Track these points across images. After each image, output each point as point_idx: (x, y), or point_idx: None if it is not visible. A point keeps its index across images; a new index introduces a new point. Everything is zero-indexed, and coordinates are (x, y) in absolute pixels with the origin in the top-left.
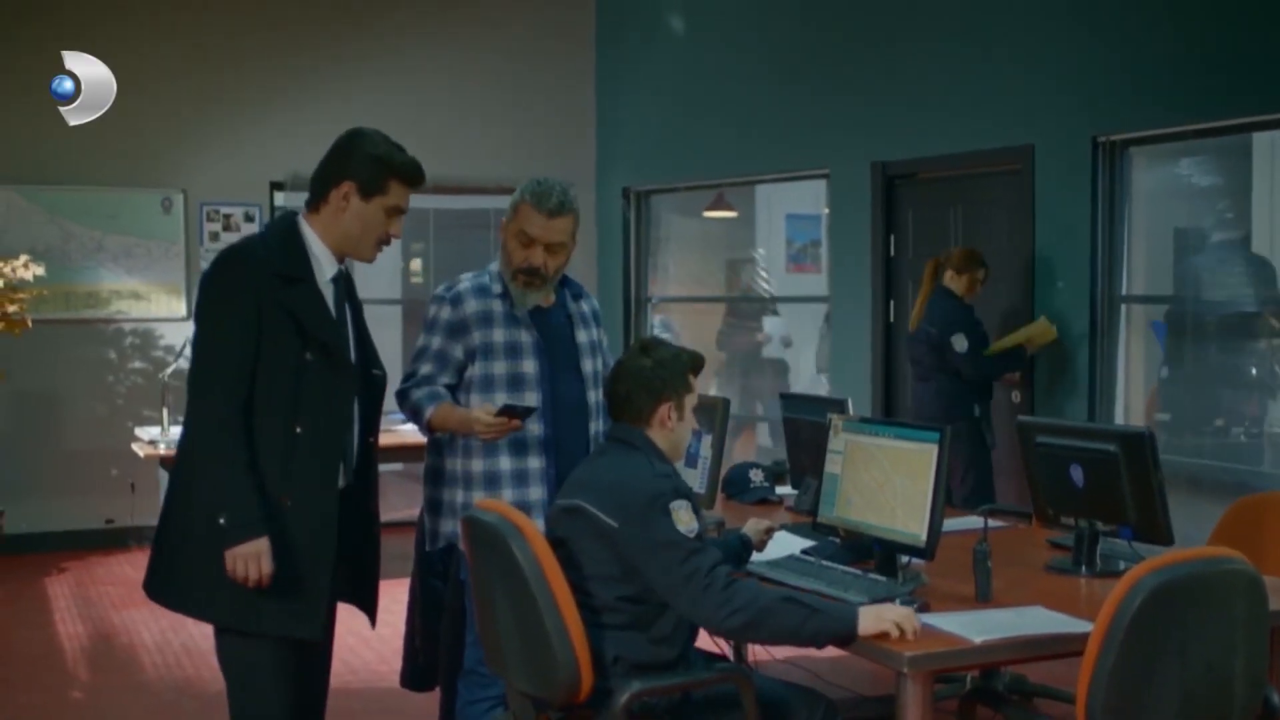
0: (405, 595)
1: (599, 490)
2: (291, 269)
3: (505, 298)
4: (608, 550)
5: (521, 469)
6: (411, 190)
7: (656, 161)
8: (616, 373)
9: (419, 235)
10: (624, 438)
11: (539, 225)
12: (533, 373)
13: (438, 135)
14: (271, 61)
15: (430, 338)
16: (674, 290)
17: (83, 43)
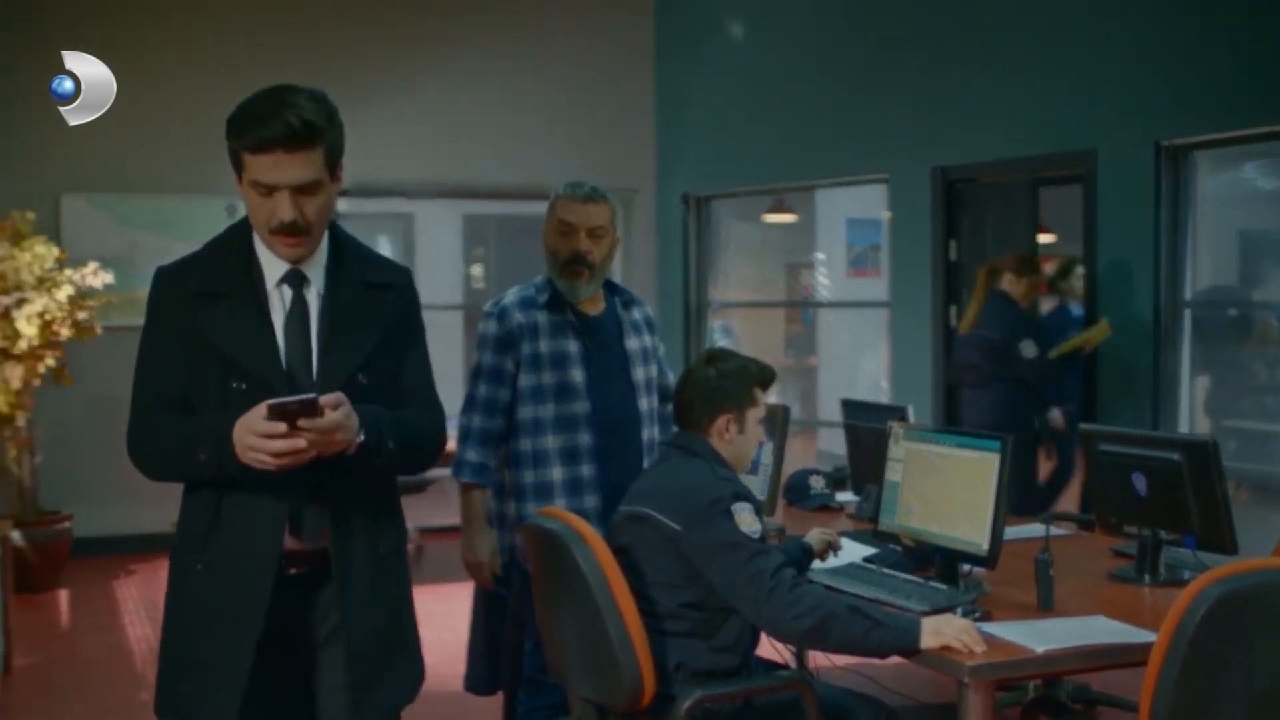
0: (468, 599)
1: (662, 496)
2: (210, 283)
3: (551, 307)
4: (671, 556)
5: (574, 478)
6: (266, 154)
7: (716, 167)
8: (682, 380)
9: (479, 241)
10: (686, 445)
11: (576, 211)
12: (580, 382)
13: (499, 142)
14: (334, 70)
15: (482, 355)
16: (734, 295)
17: (144, 53)
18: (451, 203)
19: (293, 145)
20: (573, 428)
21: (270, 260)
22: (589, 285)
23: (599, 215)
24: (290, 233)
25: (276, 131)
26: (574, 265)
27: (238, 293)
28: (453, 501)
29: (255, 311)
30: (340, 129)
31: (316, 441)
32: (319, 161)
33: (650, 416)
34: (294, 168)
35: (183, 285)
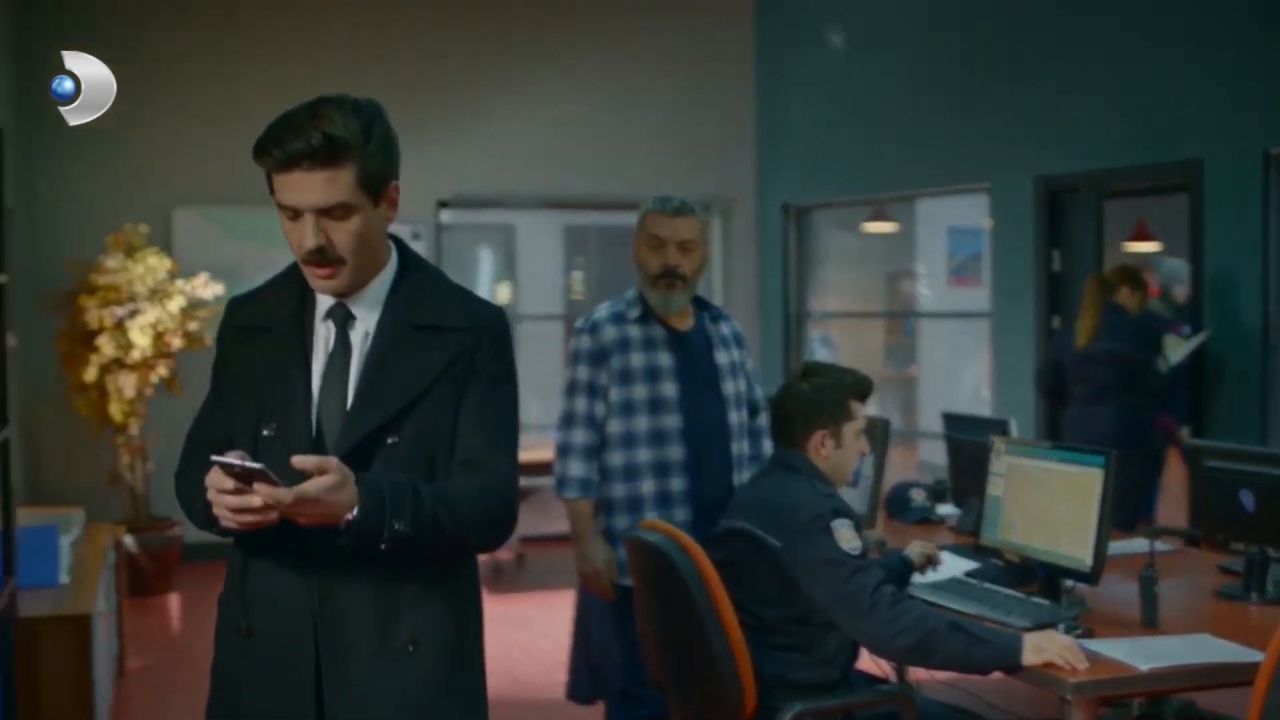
0: (568, 607)
1: (761, 512)
2: (258, 316)
3: (643, 321)
4: (771, 571)
5: (664, 491)
6: (287, 172)
7: (816, 177)
8: (779, 395)
9: (580, 250)
10: (785, 460)
11: (666, 225)
12: (672, 395)
13: (599, 153)
14: (435, 81)
15: (576, 370)
16: (833, 305)
17: (249, 68)
18: (552, 213)
19: (313, 163)
20: (664, 441)
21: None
22: (680, 297)
23: (689, 229)
24: (319, 263)
25: (292, 147)
26: (666, 278)
27: (281, 328)
28: (553, 509)
29: (294, 350)
30: (383, 148)
31: (282, 510)
32: (347, 182)
33: (740, 430)
34: (316, 189)
35: (235, 317)
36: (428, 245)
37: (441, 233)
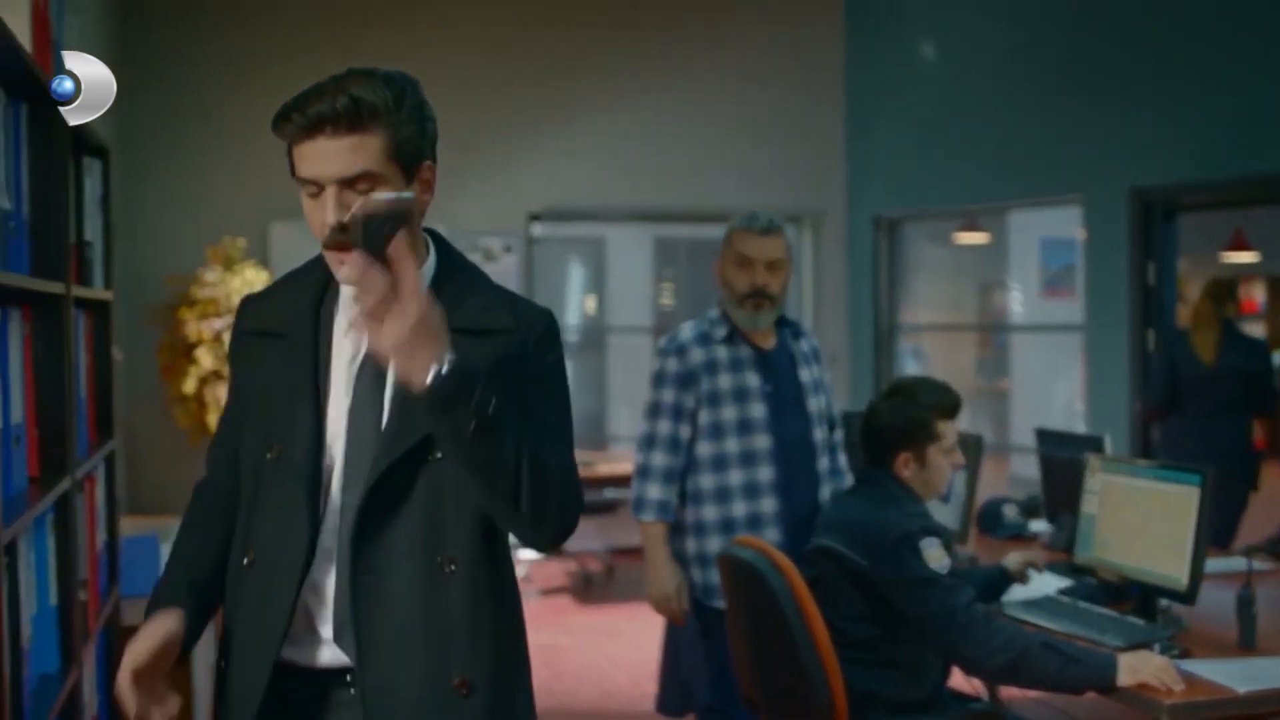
0: (659, 619)
1: (849, 531)
2: (268, 320)
3: (729, 342)
4: (860, 590)
5: (755, 513)
6: (308, 140)
7: (907, 188)
8: (866, 415)
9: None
10: (873, 479)
11: (754, 245)
12: (761, 416)
13: (689, 165)
14: (528, 95)
15: (661, 392)
16: (924, 317)
17: None
18: (643, 226)
19: (337, 128)
20: (754, 463)
21: (347, 295)
22: (768, 316)
23: (776, 248)
24: (338, 245)
25: (315, 110)
26: (753, 298)
27: (295, 333)
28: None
29: (306, 361)
30: (416, 118)
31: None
32: (375, 150)
33: (823, 447)
34: (339, 156)
35: (246, 320)
36: (519, 258)
37: (532, 245)
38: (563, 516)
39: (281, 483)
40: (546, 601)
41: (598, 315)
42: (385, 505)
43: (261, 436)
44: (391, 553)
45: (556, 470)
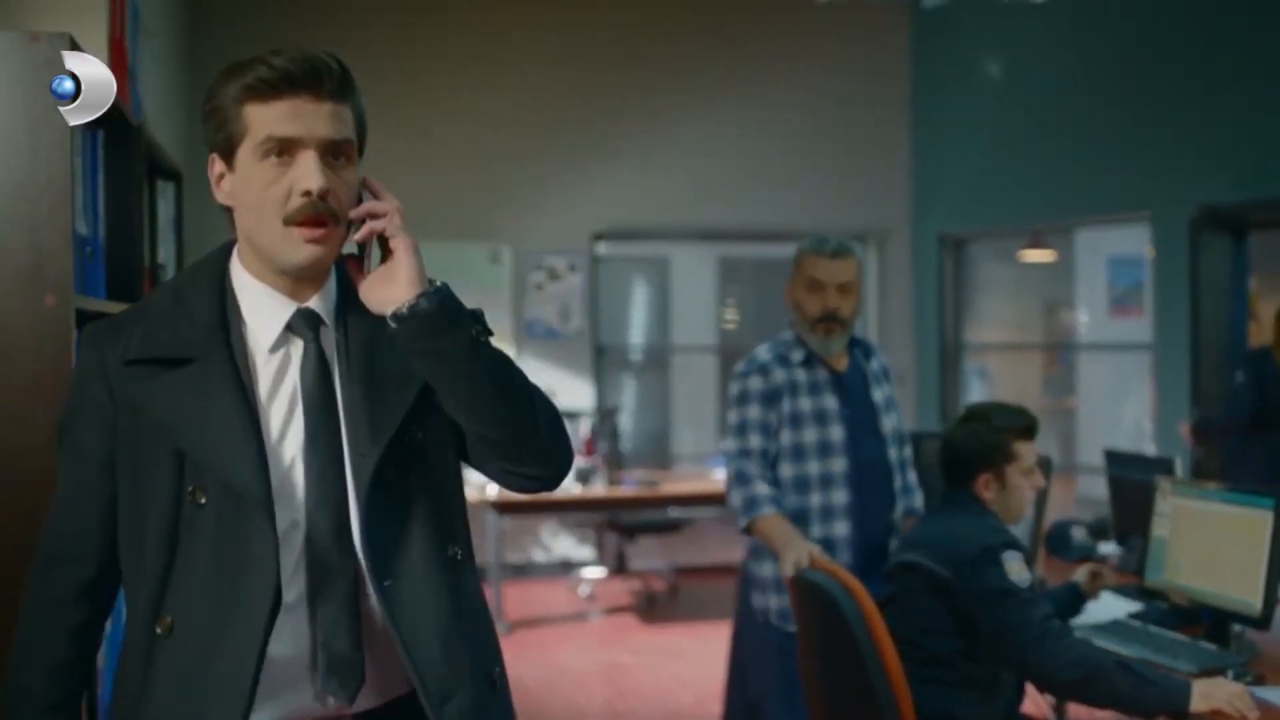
0: (723, 638)
1: (933, 544)
2: (156, 344)
3: (806, 365)
4: (941, 603)
5: (828, 536)
6: (280, 99)
7: (972, 207)
8: (945, 439)
9: (734, 279)
10: (954, 501)
11: (825, 268)
12: (840, 440)
13: (754, 185)
14: (591, 114)
15: (747, 409)
16: (989, 336)
17: (412, 105)
18: (707, 245)
19: (321, 90)
20: (831, 486)
21: (263, 304)
22: (839, 341)
23: (847, 270)
24: (314, 217)
25: (298, 64)
26: (825, 322)
27: (205, 356)
28: (707, 540)
29: (230, 384)
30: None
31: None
32: (350, 123)
33: (897, 466)
34: (325, 118)
35: (113, 350)
36: (583, 277)
37: (597, 265)
38: (556, 438)
39: (217, 527)
40: (611, 620)
41: (662, 335)
42: (386, 504)
43: (171, 482)
44: (408, 553)
45: (535, 387)
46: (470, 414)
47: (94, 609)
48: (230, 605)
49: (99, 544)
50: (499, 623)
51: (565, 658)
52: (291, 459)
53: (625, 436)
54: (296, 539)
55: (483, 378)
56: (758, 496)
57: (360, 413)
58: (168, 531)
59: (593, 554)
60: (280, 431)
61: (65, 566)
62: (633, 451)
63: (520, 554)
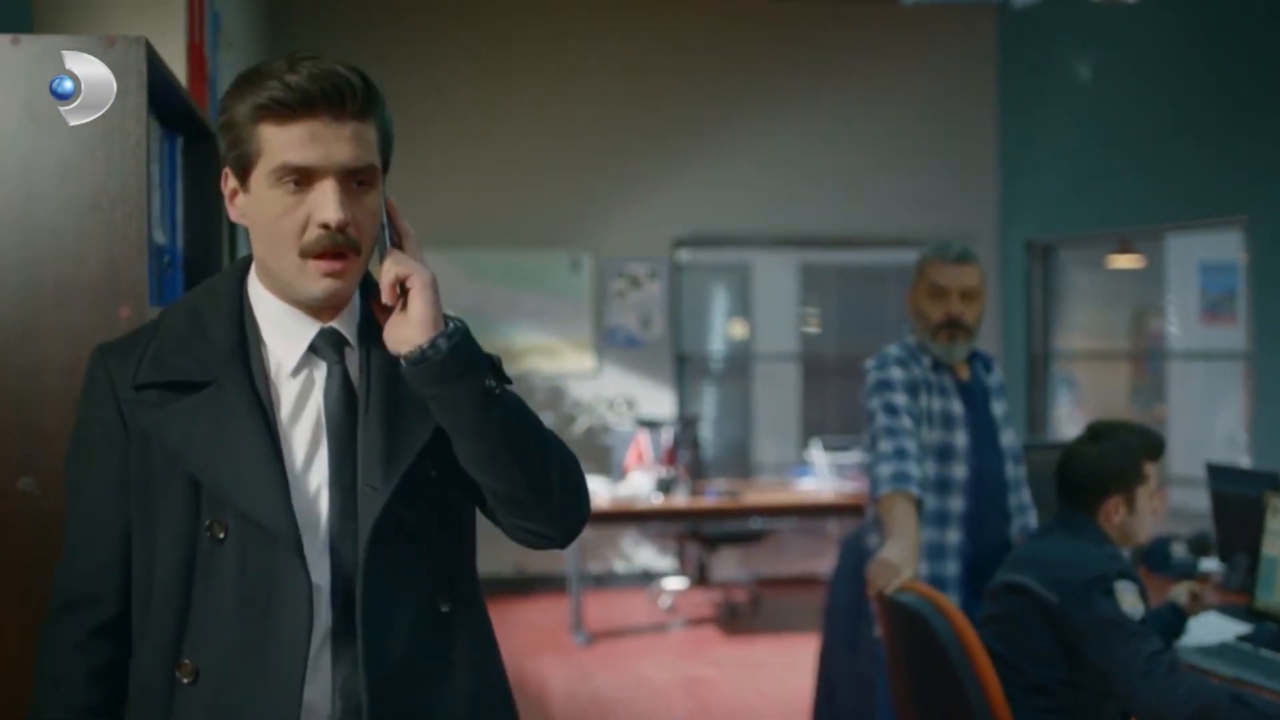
0: (809, 651)
1: (1041, 567)
2: (169, 368)
3: (935, 370)
4: (1047, 629)
5: (939, 543)
6: (295, 121)
7: (1060, 213)
8: (1067, 458)
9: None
10: (1071, 523)
11: (948, 274)
12: (963, 445)
13: (836, 190)
14: (672, 121)
15: (893, 394)
16: (1076, 343)
17: (488, 120)
18: (788, 252)
19: (340, 109)
20: (948, 491)
21: (284, 324)
22: (963, 348)
23: (970, 276)
24: (332, 250)
25: (317, 82)
26: (948, 328)
27: (224, 379)
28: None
29: (250, 408)
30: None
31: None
32: (374, 144)
33: (1014, 484)
34: (344, 143)
35: (122, 374)
36: (664, 284)
37: (678, 272)
38: (572, 498)
39: (240, 564)
40: (691, 633)
41: (743, 342)
42: (387, 545)
43: (187, 515)
44: (398, 599)
45: (554, 440)
46: (480, 468)
47: (116, 649)
48: (262, 651)
49: (118, 581)
50: (578, 634)
51: (646, 670)
52: (316, 489)
53: (706, 445)
54: (323, 576)
55: (494, 431)
56: (909, 473)
57: (375, 443)
58: (184, 569)
59: (674, 564)
60: (304, 460)
61: (83, 608)
62: (713, 460)
63: (601, 564)
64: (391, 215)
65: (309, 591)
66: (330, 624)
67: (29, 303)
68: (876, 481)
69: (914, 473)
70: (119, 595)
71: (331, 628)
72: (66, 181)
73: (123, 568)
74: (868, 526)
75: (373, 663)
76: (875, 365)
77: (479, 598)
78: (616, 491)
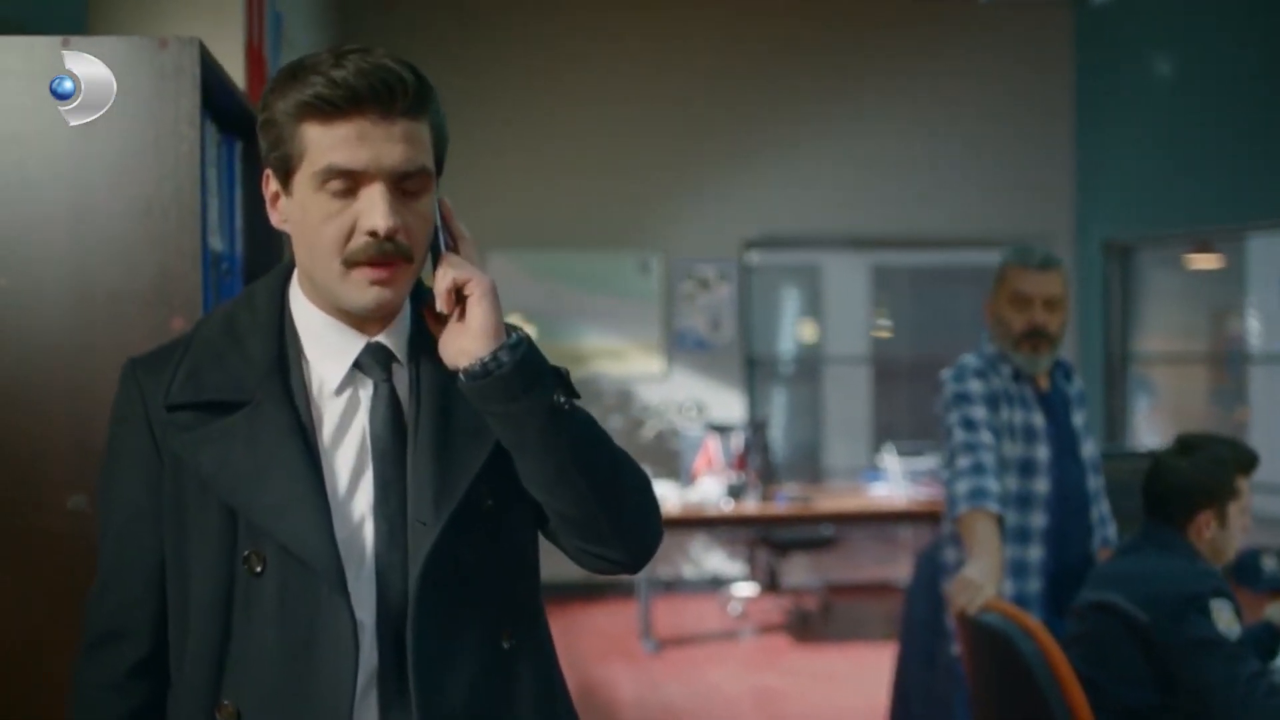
0: (882, 661)
1: (1131, 584)
2: (202, 387)
3: (1015, 380)
4: (1138, 649)
5: (1021, 559)
6: (343, 119)
7: (1138, 213)
8: (1154, 471)
9: (889, 287)
10: (1160, 539)
11: (1032, 281)
12: (1044, 459)
13: (908, 191)
14: (741, 123)
15: (971, 408)
16: (1153, 345)
17: (558, 120)
18: (859, 253)
19: (389, 106)
20: (1029, 507)
21: (328, 338)
22: (1047, 358)
23: (1054, 284)
24: (379, 259)
25: (365, 77)
26: (1031, 338)
27: (263, 399)
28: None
29: (291, 429)
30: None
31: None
32: (427, 145)
33: (1096, 496)
34: (395, 143)
35: (154, 392)
36: (734, 286)
37: (749, 274)
38: (644, 520)
39: (280, 600)
40: (761, 640)
41: (813, 345)
42: (440, 581)
43: (222, 546)
44: (455, 641)
45: (625, 458)
46: (546, 489)
47: (153, 689)
48: (306, 695)
49: (153, 615)
50: (647, 640)
51: (715, 678)
52: (360, 518)
53: (775, 449)
54: (368, 612)
55: (562, 450)
56: (988, 490)
57: (425, 472)
58: (221, 603)
59: (743, 570)
60: (348, 487)
61: (116, 645)
62: (783, 464)
63: (670, 569)
64: (446, 217)
65: (353, 629)
66: (377, 664)
67: (81, 315)
68: (954, 499)
69: (993, 489)
70: (153, 630)
71: (379, 668)
72: (117, 188)
73: (157, 601)
74: (944, 541)
75: (428, 708)
76: (952, 377)
77: (543, 625)
78: (686, 497)
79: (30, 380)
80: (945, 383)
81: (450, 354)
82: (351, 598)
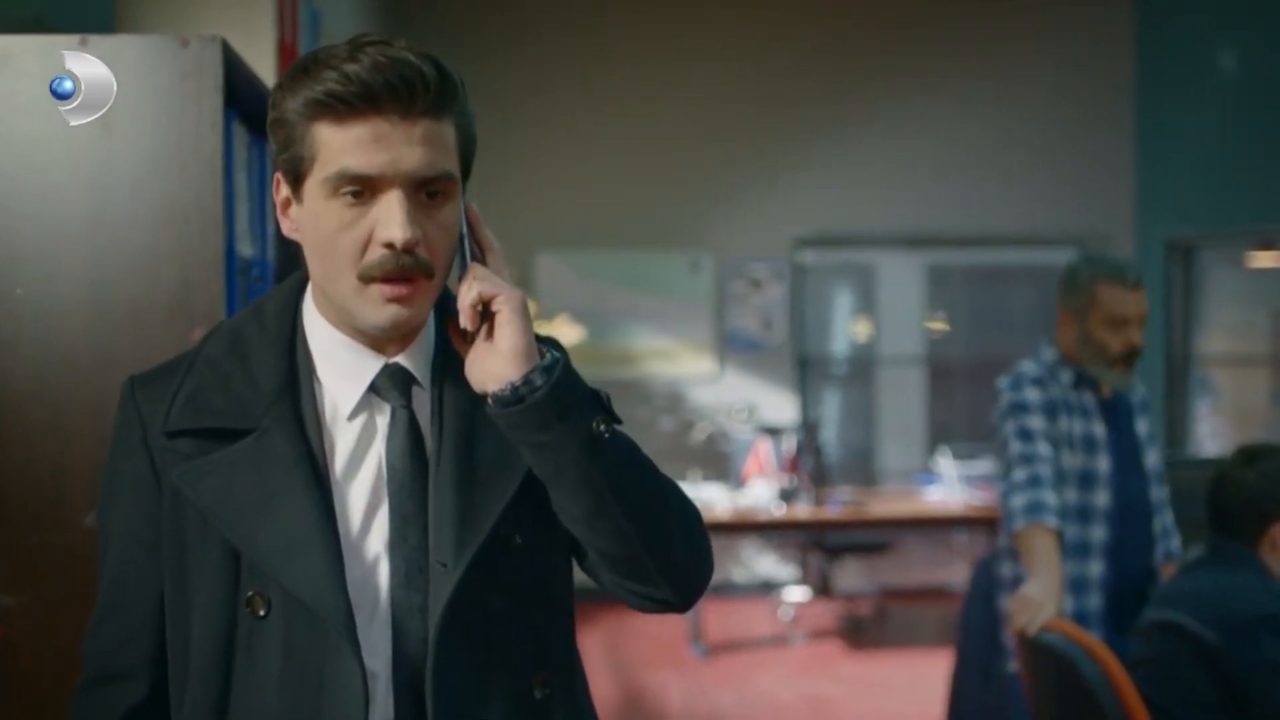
0: (938, 669)
1: (1199, 604)
2: (201, 414)
3: (1075, 387)
4: (1207, 672)
5: (1081, 575)
6: (358, 119)
7: (1201, 210)
8: (1219, 484)
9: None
10: (1228, 555)
11: (1130, 302)
12: (1106, 470)
13: (962, 189)
14: (794, 121)
15: (1028, 418)
16: (1213, 346)
17: (607, 120)
18: (914, 252)
19: (409, 105)
20: (1090, 520)
21: (341, 358)
22: (1133, 374)
23: (1145, 301)
24: (397, 274)
25: (382, 73)
26: (1127, 359)
27: (265, 425)
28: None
29: (297, 461)
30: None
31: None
32: (451, 146)
33: (1159, 507)
34: (415, 145)
35: (154, 415)
36: (786, 285)
37: (801, 273)
38: (693, 555)
39: (285, 648)
40: (813, 647)
41: (867, 345)
42: (464, 629)
43: (224, 586)
44: (483, 695)
45: (673, 489)
46: (584, 524)
47: None
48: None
49: (151, 654)
50: (696, 646)
51: (766, 686)
52: (375, 558)
53: (828, 451)
54: (382, 661)
55: (602, 482)
56: (1046, 504)
57: (447, 507)
58: (222, 648)
59: (795, 574)
60: (361, 524)
61: (112, 687)
62: (836, 466)
63: (720, 573)
64: (473, 225)
65: (362, 679)
66: (394, 717)
67: (100, 326)
68: (1011, 514)
69: (1051, 502)
70: (152, 672)
71: (399, 695)
72: (137, 193)
73: (156, 639)
74: (1001, 554)
75: None
76: (1009, 386)
77: (578, 670)
78: (736, 500)
79: (48, 394)
80: (1001, 391)
81: (477, 377)
82: (364, 645)
